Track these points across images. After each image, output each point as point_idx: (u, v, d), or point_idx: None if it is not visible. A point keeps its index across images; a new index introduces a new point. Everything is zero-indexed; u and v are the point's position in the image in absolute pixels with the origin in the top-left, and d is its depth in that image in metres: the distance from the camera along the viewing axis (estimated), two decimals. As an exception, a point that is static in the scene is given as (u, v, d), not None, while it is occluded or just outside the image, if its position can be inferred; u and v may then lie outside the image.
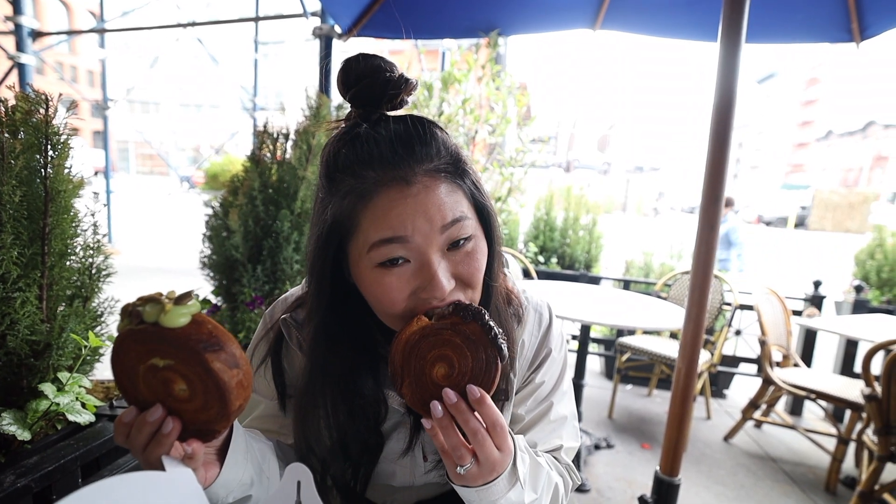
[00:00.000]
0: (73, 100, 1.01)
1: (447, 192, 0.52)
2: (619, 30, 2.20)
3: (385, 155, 0.51)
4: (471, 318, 0.51)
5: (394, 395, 0.65)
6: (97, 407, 0.96)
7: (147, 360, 0.43)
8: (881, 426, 1.72)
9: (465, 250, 0.54)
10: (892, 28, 1.78)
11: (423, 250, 0.51)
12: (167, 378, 0.43)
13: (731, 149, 1.24)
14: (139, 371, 0.44)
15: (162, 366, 0.43)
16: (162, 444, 0.44)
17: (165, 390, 0.44)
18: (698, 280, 1.28)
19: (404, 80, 0.53)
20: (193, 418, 0.45)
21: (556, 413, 0.70)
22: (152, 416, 0.43)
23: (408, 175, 0.51)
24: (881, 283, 3.64)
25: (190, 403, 0.44)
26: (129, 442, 0.45)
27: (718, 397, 3.19)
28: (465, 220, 0.53)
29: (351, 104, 0.55)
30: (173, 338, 0.42)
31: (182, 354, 0.42)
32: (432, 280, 0.51)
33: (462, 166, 0.55)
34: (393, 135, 0.52)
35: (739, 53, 1.18)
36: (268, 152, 1.83)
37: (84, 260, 1.00)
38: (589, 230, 4.05)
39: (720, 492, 2.13)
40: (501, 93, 3.09)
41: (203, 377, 0.43)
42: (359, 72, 0.52)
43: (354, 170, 0.52)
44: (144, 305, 0.42)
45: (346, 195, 0.52)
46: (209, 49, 6.53)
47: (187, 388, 0.43)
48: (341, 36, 2.39)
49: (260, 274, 1.76)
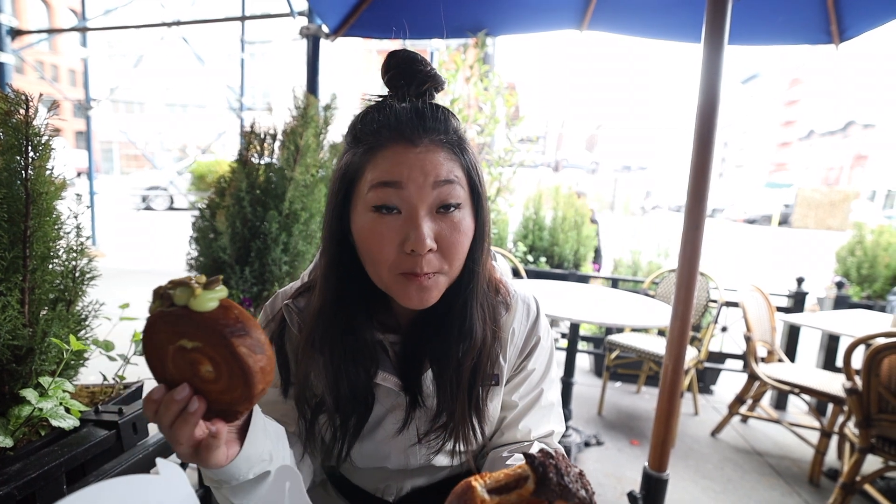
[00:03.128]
0: (55, 100, 0.99)
1: (446, 157, 0.58)
2: (606, 30, 2.22)
3: (401, 120, 0.58)
4: (556, 496, 0.40)
5: (388, 375, 0.67)
6: (82, 412, 0.94)
7: (176, 342, 0.45)
8: (862, 419, 1.76)
9: (451, 218, 0.58)
10: (870, 30, 1.83)
11: (413, 202, 0.56)
12: (194, 359, 0.45)
13: (715, 148, 1.26)
14: (168, 351, 0.46)
15: (190, 347, 0.44)
16: (188, 421, 0.46)
17: (192, 371, 0.46)
18: (684, 278, 1.30)
19: (434, 74, 0.61)
20: (218, 399, 0.47)
21: (546, 399, 0.74)
22: (179, 394, 0.45)
23: (415, 138, 0.57)
24: (861, 280, 3.72)
25: (215, 384, 0.46)
26: (157, 418, 0.47)
27: (706, 393, 3.24)
28: (457, 184, 0.58)
29: (387, 86, 0.62)
30: (201, 321, 0.43)
31: (209, 337, 0.43)
32: (416, 230, 0.55)
33: (465, 146, 0.61)
34: (411, 107, 0.59)
35: (722, 55, 1.20)
36: (255, 153, 1.82)
37: (67, 263, 0.98)
38: (577, 229, 4.08)
39: (707, 486, 2.16)
40: (490, 93, 3.10)
41: (229, 360, 0.44)
42: (398, 60, 0.60)
43: (373, 129, 0.59)
44: (175, 289, 0.44)
45: (361, 146, 0.60)
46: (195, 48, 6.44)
47: (213, 369, 0.45)
48: (329, 36, 2.38)
49: (248, 275, 1.75)
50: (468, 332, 0.65)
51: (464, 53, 3.05)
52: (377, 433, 0.69)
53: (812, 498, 2.10)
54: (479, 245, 0.62)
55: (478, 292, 0.65)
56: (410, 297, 0.59)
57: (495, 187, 3.30)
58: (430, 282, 0.58)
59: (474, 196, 0.61)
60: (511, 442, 0.72)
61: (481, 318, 0.66)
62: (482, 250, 0.63)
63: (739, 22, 1.36)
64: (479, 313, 0.66)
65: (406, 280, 0.58)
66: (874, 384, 1.71)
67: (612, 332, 3.07)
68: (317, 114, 1.90)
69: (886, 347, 1.65)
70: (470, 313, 0.65)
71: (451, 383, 0.66)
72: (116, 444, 0.95)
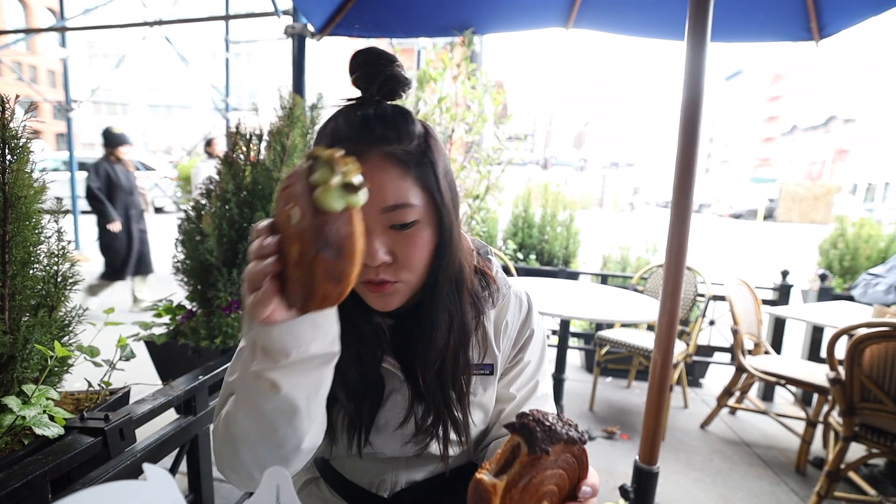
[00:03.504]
0: (33, 101, 0.97)
1: (397, 177, 0.56)
2: (591, 28, 2.24)
3: (351, 132, 0.56)
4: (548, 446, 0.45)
5: (391, 360, 0.68)
6: (66, 419, 0.92)
7: (291, 206, 0.44)
8: (845, 408, 1.80)
9: (406, 233, 0.58)
10: (849, 27, 1.86)
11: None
12: (291, 234, 0.45)
13: (700, 144, 1.27)
14: (283, 208, 0.46)
15: (293, 222, 0.44)
16: (260, 266, 0.46)
17: (287, 240, 0.46)
18: (671, 272, 1.31)
19: (397, 74, 0.57)
20: (287, 279, 0.46)
21: (541, 390, 0.76)
22: (269, 242, 0.47)
23: (361, 151, 0.54)
24: (843, 272, 3.80)
25: (291, 269, 0.45)
26: (251, 247, 0.48)
27: (695, 386, 3.29)
28: (407, 207, 0.56)
29: (356, 87, 0.60)
30: (312, 212, 0.42)
31: (306, 233, 0.42)
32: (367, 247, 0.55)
33: (425, 155, 0.58)
34: (364, 116, 0.56)
35: (705, 52, 1.22)
36: (241, 153, 1.80)
37: (49, 268, 0.96)
38: (566, 226, 4.10)
39: (698, 478, 2.19)
40: (477, 91, 3.10)
41: (305, 267, 0.43)
42: (362, 60, 0.57)
43: (322, 141, 0.58)
44: (321, 162, 0.43)
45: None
46: (178, 48, 6.35)
47: (297, 256, 0.44)
48: (314, 35, 2.36)
49: (236, 278, 1.73)
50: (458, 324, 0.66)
51: (451, 52, 3.04)
52: (379, 416, 0.70)
53: (799, 486, 2.15)
54: (444, 252, 0.61)
55: (442, 298, 0.64)
56: (374, 303, 0.61)
57: (484, 185, 3.31)
58: (390, 289, 0.60)
59: (435, 208, 0.59)
60: None
61: (447, 321, 0.65)
62: (447, 257, 0.62)
63: (722, 19, 1.38)
64: (445, 317, 0.65)
65: (366, 288, 0.60)
66: (857, 374, 1.74)
67: (603, 327, 3.10)
68: (303, 114, 1.89)
69: (868, 337, 1.69)
70: (433, 318, 0.64)
71: (443, 372, 0.67)
72: (103, 452, 0.93)
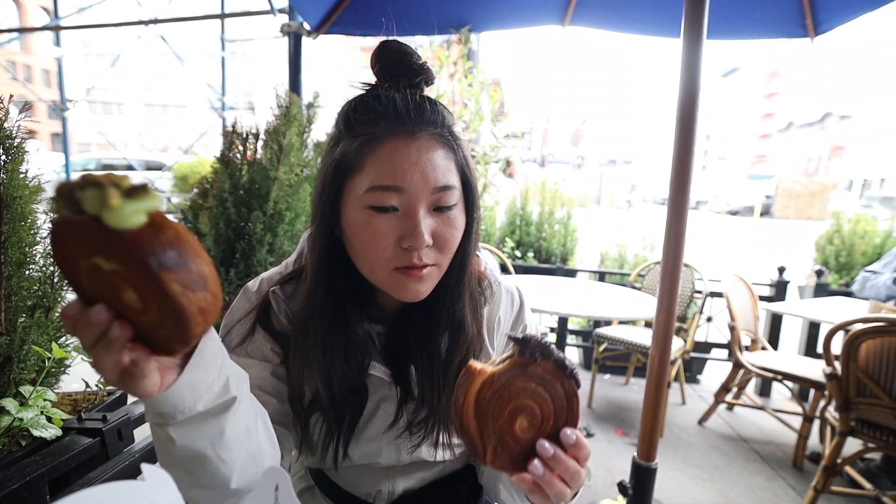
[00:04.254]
0: (28, 101, 0.97)
1: (443, 157, 0.58)
2: (588, 26, 2.23)
3: (399, 110, 0.57)
4: (539, 356, 0.47)
5: (379, 365, 0.67)
6: (64, 420, 0.92)
7: (89, 258, 0.34)
8: (841, 403, 1.81)
9: (447, 216, 0.59)
10: (844, 23, 1.87)
11: (412, 203, 0.56)
12: (114, 283, 0.35)
13: (696, 140, 1.28)
14: (81, 265, 0.35)
15: (107, 269, 0.34)
16: (110, 348, 0.38)
17: (114, 294, 0.36)
18: (669, 269, 1.31)
19: (427, 67, 0.61)
20: (147, 331, 0.38)
21: None
22: (96, 317, 0.36)
23: (414, 130, 0.57)
24: (839, 268, 3.81)
25: (143, 315, 0.36)
26: (77, 335, 0.39)
27: (692, 383, 3.30)
28: (453, 189, 0.59)
29: (377, 77, 0.62)
30: (120, 242, 0.32)
31: (131, 264, 0.33)
32: (415, 230, 0.56)
33: (459, 141, 0.61)
34: (408, 98, 0.59)
35: (701, 49, 1.22)
36: (238, 153, 1.79)
37: (45, 269, 0.96)
38: (564, 224, 4.11)
39: (696, 474, 2.20)
40: (474, 89, 3.10)
41: (157, 295, 0.34)
42: (391, 50, 0.59)
43: (370, 118, 0.58)
44: (84, 189, 0.31)
45: (358, 137, 0.58)
46: (174, 47, 6.32)
47: (139, 299, 0.35)
48: (310, 33, 2.36)
49: (233, 277, 1.72)
50: (458, 324, 0.66)
51: (447, 50, 3.04)
52: (370, 427, 0.69)
53: (796, 481, 2.16)
54: (469, 239, 0.63)
55: (467, 285, 0.66)
56: (407, 290, 0.59)
57: (482, 183, 3.31)
58: (425, 274, 0.59)
59: (466, 192, 0.62)
60: None
61: (471, 310, 0.67)
62: (471, 244, 0.64)
63: (717, 17, 1.38)
64: (470, 306, 0.67)
65: (402, 275, 0.58)
66: (853, 369, 1.75)
67: (600, 324, 3.11)
68: (300, 112, 1.88)
69: (864, 333, 1.70)
70: (461, 306, 0.65)
71: (436, 374, 0.66)
72: (101, 452, 0.93)
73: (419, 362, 0.67)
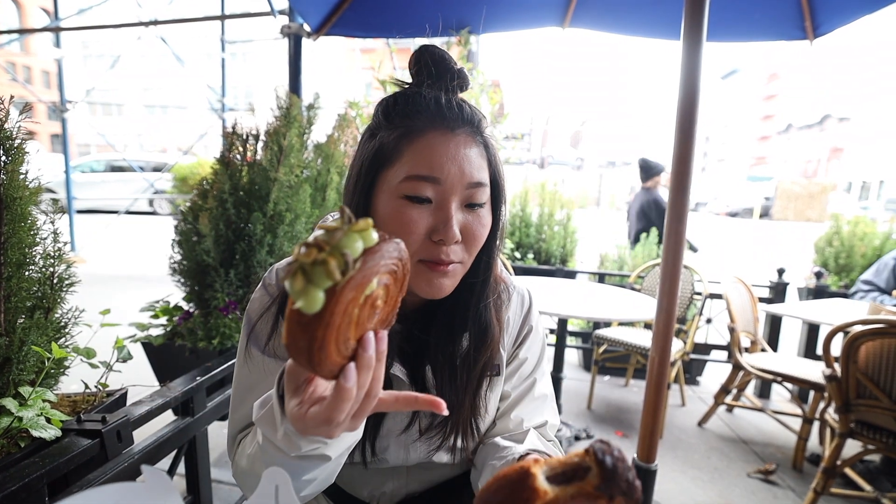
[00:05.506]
0: (28, 102, 0.97)
1: (478, 154, 0.60)
2: (587, 28, 2.24)
3: (440, 106, 0.59)
4: (618, 494, 0.37)
5: (397, 364, 0.66)
6: (63, 421, 0.92)
7: (358, 302, 0.36)
8: (841, 404, 1.81)
9: (477, 213, 0.60)
10: (843, 26, 1.87)
11: (446, 196, 0.57)
12: (374, 297, 0.38)
13: (696, 142, 1.28)
14: (352, 318, 0.36)
15: (371, 292, 0.37)
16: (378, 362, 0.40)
17: (371, 310, 0.39)
18: (668, 271, 1.31)
19: (464, 73, 0.62)
20: (387, 311, 0.42)
21: (538, 390, 0.74)
22: (372, 347, 0.39)
23: (453, 126, 0.58)
24: (839, 269, 3.82)
25: (387, 301, 0.41)
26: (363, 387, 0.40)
27: (692, 384, 3.30)
28: (485, 186, 0.60)
29: (416, 78, 0.63)
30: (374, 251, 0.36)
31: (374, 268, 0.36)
32: (447, 223, 0.56)
33: (490, 143, 0.63)
34: (449, 96, 0.60)
35: (701, 51, 1.22)
36: (238, 154, 1.79)
37: (44, 269, 0.96)
38: (564, 225, 4.11)
39: (695, 475, 2.20)
40: (474, 91, 3.10)
41: (395, 281, 0.40)
42: (431, 54, 0.61)
43: (410, 112, 0.59)
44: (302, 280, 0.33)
45: (397, 128, 0.59)
46: (174, 48, 6.33)
47: (383, 291, 0.39)
48: (311, 35, 2.36)
49: (233, 278, 1.72)
50: (484, 325, 0.66)
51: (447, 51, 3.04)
52: (383, 425, 0.68)
53: (795, 483, 2.16)
54: (494, 238, 0.64)
55: (493, 285, 0.67)
56: (430, 284, 0.59)
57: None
58: (450, 270, 0.59)
59: (495, 193, 0.63)
60: (503, 432, 0.72)
61: (495, 311, 0.67)
62: (496, 243, 0.65)
63: (717, 19, 1.39)
64: (493, 307, 0.67)
65: (427, 268, 0.58)
66: (852, 370, 1.75)
67: (600, 326, 3.11)
68: (300, 114, 1.88)
69: (863, 334, 1.70)
70: (487, 305, 0.66)
71: (459, 376, 0.66)
72: (100, 454, 0.93)
73: (439, 362, 0.66)
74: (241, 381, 0.66)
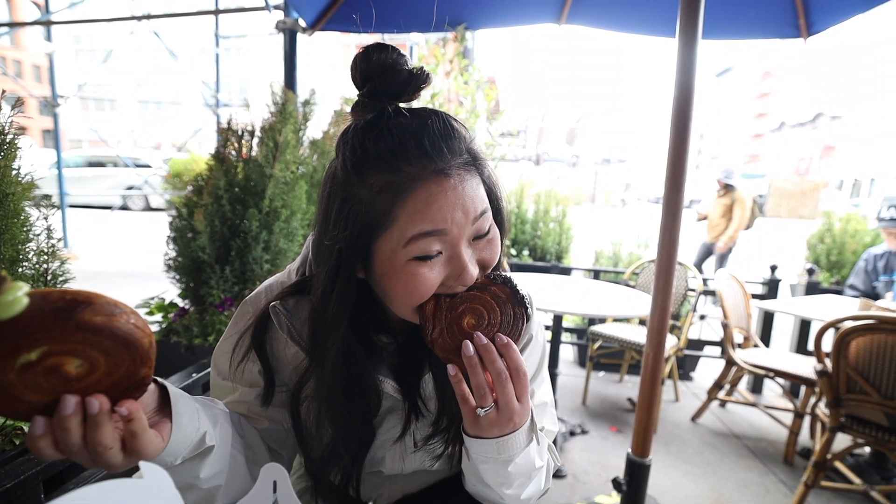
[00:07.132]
0: (19, 97, 0.96)
1: (475, 185, 0.55)
2: (583, 24, 2.24)
3: (424, 148, 0.51)
4: (500, 280, 0.56)
5: (388, 381, 0.65)
6: (58, 419, 0.92)
7: (13, 363, 0.34)
8: (832, 399, 1.84)
9: (486, 238, 0.57)
10: (836, 24, 1.88)
11: (455, 242, 0.54)
12: (51, 366, 0.36)
13: (691, 139, 1.29)
14: (11, 380, 0.35)
15: (36, 358, 0.35)
16: (99, 424, 0.38)
17: (58, 378, 0.36)
18: (663, 267, 1.32)
19: (425, 74, 0.54)
20: (110, 384, 0.39)
21: (537, 398, 0.73)
22: (66, 409, 0.37)
23: (446, 168, 0.52)
24: (830, 266, 3.85)
25: (95, 374, 0.37)
26: (63, 449, 0.39)
27: (685, 380, 3.33)
28: (488, 211, 0.56)
29: (366, 96, 0.54)
30: (28, 324, 0.33)
31: (52, 333, 0.34)
32: (463, 271, 0.55)
33: (480, 159, 0.57)
34: (427, 129, 0.52)
35: (696, 49, 1.23)
36: (233, 150, 1.78)
37: (38, 266, 0.95)
38: (559, 222, 4.12)
39: (688, 470, 2.22)
40: (470, 87, 3.09)
41: (93, 340, 0.36)
42: (380, 64, 0.52)
43: (388, 163, 0.51)
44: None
45: (382, 190, 0.51)
46: (167, 43, 6.26)
47: (81, 360, 0.36)
48: (306, 30, 2.34)
49: (228, 275, 1.72)
50: None
51: (443, 48, 3.03)
52: (375, 439, 0.67)
53: (787, 476, 2.19)
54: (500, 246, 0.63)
55: None
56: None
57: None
58: None
59: (494, 205, 0.60)
60: None
61: None
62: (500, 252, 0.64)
63: (712, 17, 1.39)
64: None
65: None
66: (843, 366, 1.78)
67: (595, 322, 3.12)
68: (295, 109, 1.87)
69: (854, 330, 1.72)
70: None
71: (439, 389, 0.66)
72: (96, 450, 0.93)
73: (439, 373, 0.65)
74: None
